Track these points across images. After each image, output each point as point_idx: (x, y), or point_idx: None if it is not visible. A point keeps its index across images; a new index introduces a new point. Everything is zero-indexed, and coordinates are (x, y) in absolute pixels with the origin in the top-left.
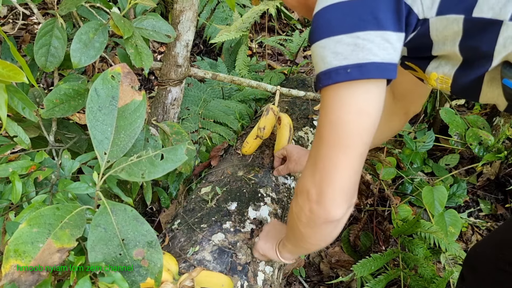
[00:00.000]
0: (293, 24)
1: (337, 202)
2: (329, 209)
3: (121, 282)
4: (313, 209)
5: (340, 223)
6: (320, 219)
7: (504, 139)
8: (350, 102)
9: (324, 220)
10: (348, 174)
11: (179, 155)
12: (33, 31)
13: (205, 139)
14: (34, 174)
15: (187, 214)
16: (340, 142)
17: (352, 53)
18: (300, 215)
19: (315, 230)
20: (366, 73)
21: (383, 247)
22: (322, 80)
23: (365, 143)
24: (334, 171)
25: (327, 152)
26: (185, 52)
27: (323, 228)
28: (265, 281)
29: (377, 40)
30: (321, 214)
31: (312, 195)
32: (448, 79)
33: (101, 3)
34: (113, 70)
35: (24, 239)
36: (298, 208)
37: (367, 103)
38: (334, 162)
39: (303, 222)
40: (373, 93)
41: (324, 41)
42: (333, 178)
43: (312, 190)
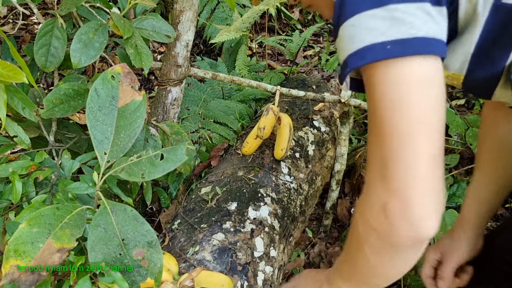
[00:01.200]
0: (293, 24)
1: (430, 210)
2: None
3: (121, 282)
4: (396, 226)
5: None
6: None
7: None
8: (408, 73)
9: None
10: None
11: (179, 155)
12: (33, 31)
13: (205, 139)
14: (34, 174)
15: (187, 214)
16: (412, 122)
17: (391, 28)
18: (372, 239)
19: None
20: (410, 48)
21: None
22: (351, 63)
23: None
24: (414, 164)
25: (398, 142)
26: (185, 52)
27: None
28: (265, 281)
29: (418, 12)
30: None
31: (393, 208)
32: (459, 76)
33: (101, 3)
34: (113, 70)
35: (24, 239)
36: (367, 230)
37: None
38: (412, 150)
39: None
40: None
41: (353, 19)
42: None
43: (391, 201)
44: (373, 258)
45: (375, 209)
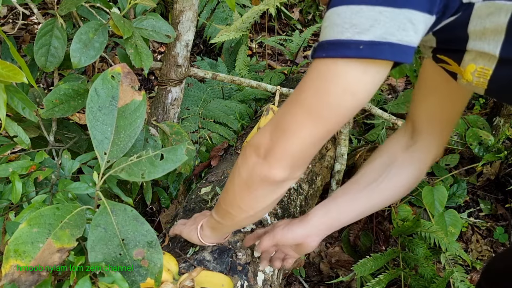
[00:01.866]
0: (293, 24)
1: (282, 164)
2: (271, 166)
3: (121, 282)
4: (256, 162)
5: (276, 190)
6: (259, 175)
7: (504, 139)
8: (344, 78)
9: (262, 177)
10: (306, 145)
11: (179, 155)
12: (33, 31)
13: (205, 139)
14: (34, 174)
15: (187, 214)
16: (315, 110)
17: (369, 29)
18: (242, 167)
19: (249, 189)
20: (378, 53)
21: (383, 247)
22: (327, 50)
23: (338, 122)
24: (294, 135)
25: (297, 114)
26: (185, 52)
27: (259, 188)
28: (265, 281)
29: (400, 18)
30: (262, 170)
31: (262, 149)
32: (488, 70)
33: (101, 3)
34: (113, 70)
35: (24, 239)
36: (242, 159)
37: (360, 85)
38: (299, 126)
39: (242, 177)
40: (370, 75)
41: (341, 8)
42: (289, 140)
43: (264, 145)
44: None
45: (254, 144)
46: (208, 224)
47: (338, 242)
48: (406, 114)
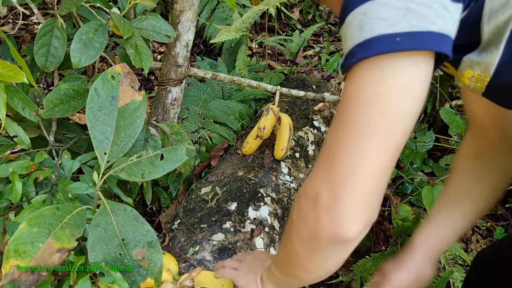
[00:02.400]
0: (293, 24)
1: (355, 214)
2: (342, 222)
3: (121, 282)
4: (320, 218)
5: (351, 246)
6: (327, 234)
7: None
8: (394, 77)
9: (332, 237)
10: (376, 173)
11: (179, 155)
12: (33, 31)
13: (205, 139)
14: (34, 174)
15: (187, 214)
16: (372, 126)
17: (402, 19)
18: (301, 227)
19: (317, 251)
20: (420, 43)
21: (383, 247)
22: (357, 54)
23: (404, 132)
24: (359, 167)
25: (351, 140)
26: (185, 52)
27: (327, 249)
28: None
29: (435, 6)
30: (329, 227)
31: (323, 199)
32: (486, 77)
33: (101, 3)
34: (113, 70)
35: (24, 239)
36: (299, 217)
37: (414, 81)
38: (360, 154)
39: (303, 238)
40: (422, 69)
41: (364, 6)
42: (355, 177)
43: (324, 192)
44: (300, 248)
45: (310, 196)
46: (269, 279)
47: None
48: None
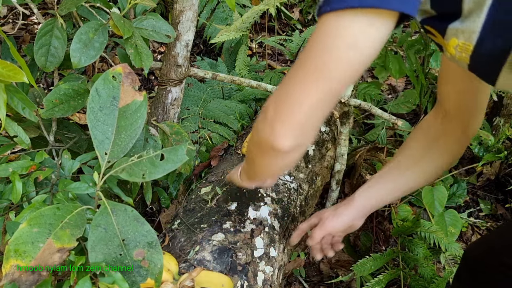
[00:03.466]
0: (293, 24)
1: (287, 132)
2: (276, 136)
3: (122, 282)
4: (265, 128)
5: (284, 160)
6: (266, 142)
7: (504, 139)
8: (346, 32)
9: (269, 145)
10: (310, 108)
11: (179, 155)
12: (33, 31)
13: (205, 139)
14: (34, 174)
15: (187, 214)
16: (319, 69)
17: None
18: (255, 130)
19: (260, 153)
20: (385, 2)
21: (383, 247)
22: (331, 3)
23: (343, 81)
24: (298, 99)
25: (300, 75)
26: (185, 52)
27: (266, 155)
28: (265, 281)
29: None
30: (268, 138)
31: (270, 115)
32: (469, 45)
33: (101, 3)
34: (114, 70)
35: (25, 239)
36: (257, 123)
37: (365, 38)
38: (302, 89)
39: (254, 140)
40: (376, 28)
41: None
42: (293, 105)
43: (271, 110)
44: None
45: (263, 110)
46: (243, 170)
47: None
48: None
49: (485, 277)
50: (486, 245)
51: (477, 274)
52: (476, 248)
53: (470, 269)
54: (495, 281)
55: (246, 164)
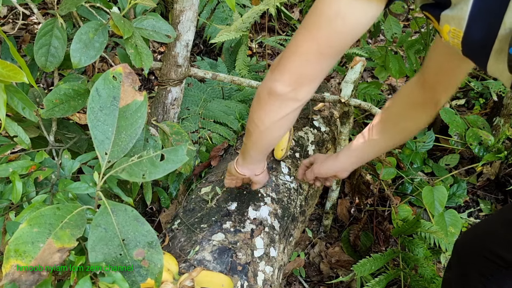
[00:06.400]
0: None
1: (283, 78)
2: (275, 79)
3: (122, 282)
4: (267, 77)
5: (282, 106)
6: (266, 87)
7: (504, 139)
8: (335, 2)
9: (268, 90)
10: (303, 63)
11: (180, 155)
12: (33, 31)
13: (205, 139)
14: (34, 174)
15: (187, 214)
16: (311, 30)
17: None
18: (259, 86)
19: (260, 101)
20: None
21: (383, 247)
22: None
23: (329, 44)
24: (293, 52)
25: (298, 34)
26: (185, 52)
27: (267, 100)
28: (265, 281)
29: None
30: (268, 83)
31: (273, 67)
32: (459, 32)
33: (101, 3)
34: (115, 70)
35: (25, 239)
36: (263, 81)
37: (350, 10)
38: (297, 43)
39: (257, 93)
40: (360, 3)
41: None
42: (289, 57)
43: (275, 63)
44: (254, 103)
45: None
46: (240, 151)
47: (338, 242)
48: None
49: (470, 262)
50: (473, 232)
51: (464, 260)
52: (464, 236)
53: (458, 256)
54: (479, 266)
55: (244, 136)
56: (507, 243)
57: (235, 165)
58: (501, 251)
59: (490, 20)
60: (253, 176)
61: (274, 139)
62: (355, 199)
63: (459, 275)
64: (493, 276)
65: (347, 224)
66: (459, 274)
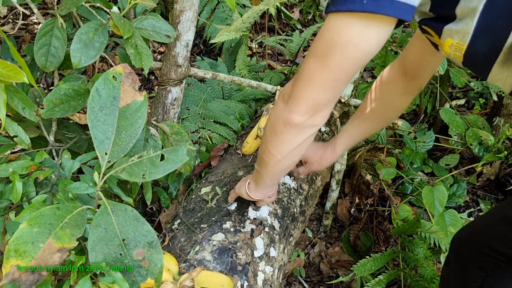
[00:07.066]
0: (293, 24)
1: (300, 108)
2: (291, 110)
3: (122, 282)
4: (281, 108)
5: (298, 134)
6: (282, 118)
7: (504, 139)
8: (345, 31)
9: (284, 120)
10: (318, 91)
11: (180, 155)
12: (33, 31)
13: (205, 139)
14: (34, 174)
15: (187, 214)
16: (324, 59)
17: None
18: (271, 116)
19: (276, 132)
20: (380, 8)
21: (383, 247)
22: (336, 5)
23: (344, 72)
24: (308, 81)
25: (310, 63)
26: (185, 52)
27: (283, 131)
28: (265, 281)
29: None
30: (284, 113)
31: (285, 97)
32: (463, 45)
33: (101, 3)
34: (115, 70)
35: (25, 239)
36: (272, 109)
37: (361, 38)
38: (311, 73)
39: (270, 123)
40: (371, 30)
41: None
42: (304, 86)
43: (287, 92)
44: (268, 133)
45: (282, 95)
46: (252, 177)
47: (338, 242)
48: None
49: (469, 257)
50: (471, 228)
51: (462, 255)
52: (462, 231)
53: (456, 252)
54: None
55: (257, 164)
56: (506, 239)
57: (247, 190)
58: (500, 247)
59: (496, 34)
60: (266, 198)
61: (290, 165)
62: (355, 199)
63: (457, 270)
64: (492, 271)
65: (347, 224)
66: (458, 270)
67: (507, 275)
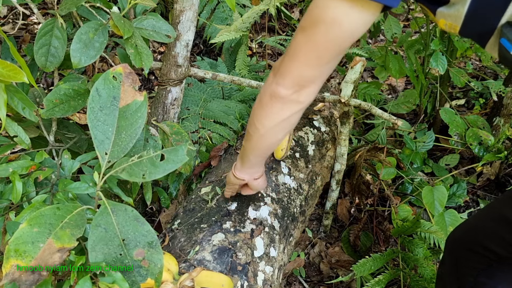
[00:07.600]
0: (293, 24)
1: (285, 81)
2: (277, 83)
3: (122, 282)
4: (269, 81)
5: (283, 108)
6: (269, 90)
7: (504, 139)
8: (332, 10)
9: (270, 92)
10: (302, 65)
11: (180, 155)
12: (33, 31)
13: (205, 139)
14: (34, 174)
15: (187, 214)
16: (310, 35)
17: None
18: (262, 88)
19: (262, 103)
20: None
21: (383, 247)
22: None
23: (327, 49)
24: (293, 56)
25: (297, 38)
26: (185, 52)
27: (268, 103)
28: (265, 281)
29: None
30: (271, 86)
31: (275, 70)
32: (456, 26)
33: (101, 3)
34: (115, 70)
35: (25, 239)
36: (265, 82)
37: (345, 18)
38: (297, 48)
39: (260, 95)
40: (356, 12)
41: None
42: (290, 61)
43: (277, 66)
44: (256, 105)
45: (272, 69)
46: (239, 155)
47: (338, 242)
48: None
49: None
50: (464, 227)
51: (455, 254)
52: (456, 231)
53: (450, 251)
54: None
55: (244, 139)
56: (498, 238)
57: (233, 170)
58: (492, 246)
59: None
60: (252, 180)
61: (274, 142)
62: (355, 199)
63: (451, 269)
64: (483, 269)
65: (347, 224)
66: (452, 268)
67: (498, 273)
